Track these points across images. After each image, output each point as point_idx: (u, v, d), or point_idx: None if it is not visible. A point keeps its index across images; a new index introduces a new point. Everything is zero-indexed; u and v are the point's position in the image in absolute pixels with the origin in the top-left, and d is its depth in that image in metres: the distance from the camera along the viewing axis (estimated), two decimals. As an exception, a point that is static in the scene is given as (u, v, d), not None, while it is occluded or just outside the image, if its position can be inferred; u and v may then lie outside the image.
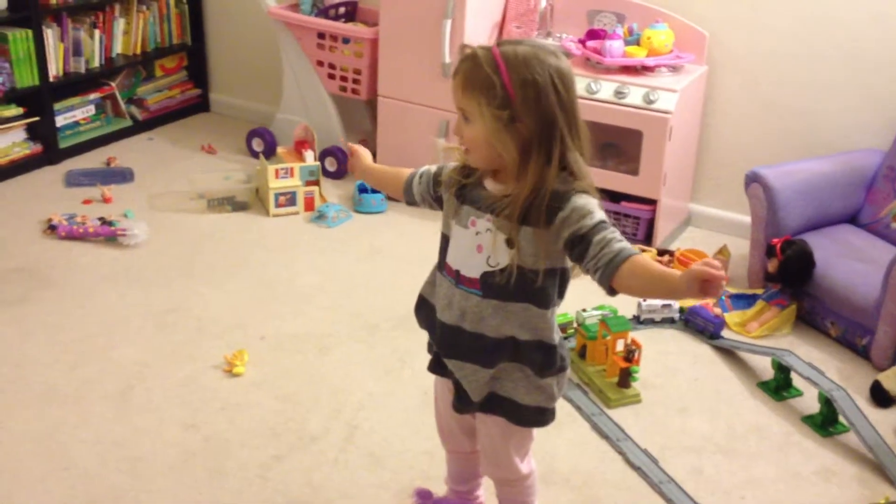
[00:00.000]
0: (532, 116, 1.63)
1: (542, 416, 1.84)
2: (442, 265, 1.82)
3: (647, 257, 1.63)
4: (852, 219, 3.39)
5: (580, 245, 1.64)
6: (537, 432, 1.93)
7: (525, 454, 1.95)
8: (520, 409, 1.81)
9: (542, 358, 1.77)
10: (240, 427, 2.57)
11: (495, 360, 1.77)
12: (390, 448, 2.51)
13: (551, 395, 1.82)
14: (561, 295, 1.78)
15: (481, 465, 2.05)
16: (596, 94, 3.50)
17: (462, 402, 1.86)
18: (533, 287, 1.71)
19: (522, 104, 1.62)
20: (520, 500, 2.03)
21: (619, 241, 1.63)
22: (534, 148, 1.64)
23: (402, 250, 3.61)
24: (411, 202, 1.98)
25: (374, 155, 4.10)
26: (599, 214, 1.65)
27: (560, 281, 1.75)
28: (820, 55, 3.51)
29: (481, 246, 1.72)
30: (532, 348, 1.76)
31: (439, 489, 2.25)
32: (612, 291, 1.65)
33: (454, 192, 1.78)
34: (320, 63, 4.17)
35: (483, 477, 2.16)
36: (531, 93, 1.62)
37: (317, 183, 3.92)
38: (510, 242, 1.68)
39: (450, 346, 1.83)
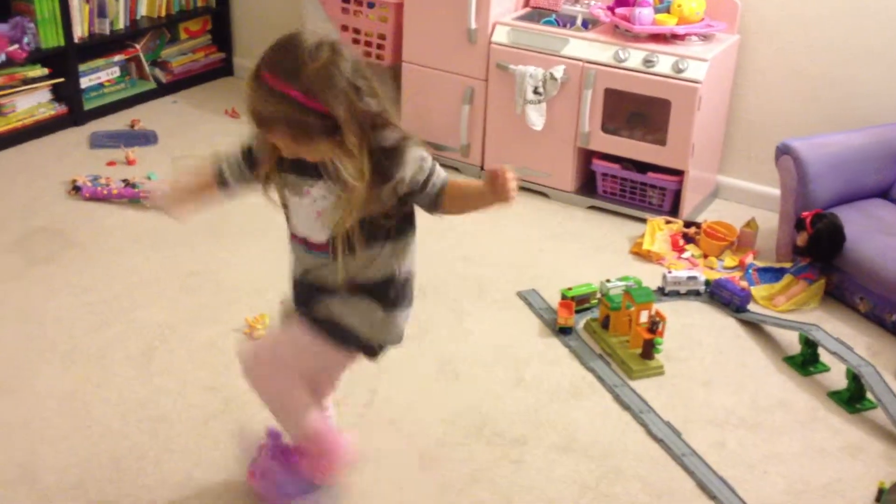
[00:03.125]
0: (354, 126, 1.71)
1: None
2: (291, 234, 1.94)
3: (456, 179, 1.86)
4: (884, 193, 3.33)
5: (416, 192, 1.82)
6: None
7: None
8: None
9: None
10: (261, 390, 2.58)
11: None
12: (408, 414, 2.51)
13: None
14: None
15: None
16: (624, 62, 3.44)
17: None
18: (386, 231, 1.86)
19: (345, 123, 1.70)
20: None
21: (436, 175, 1.81)
22: (359, 145, 1.73)
23: (422, 218, 3.57)
24: (230, 192, 2.01)
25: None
26: (428, 162, 1.80)
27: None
28: (855, 24, 3.43)
29: (320, 212, 1.82)
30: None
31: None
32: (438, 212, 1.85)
33: (274, 165, 1.85)
34: (345, 28, 4.13)
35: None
36: (348, 114, 1.70)
37: (340, 148, 3.89)
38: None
39: (306, 303, 1.96)
